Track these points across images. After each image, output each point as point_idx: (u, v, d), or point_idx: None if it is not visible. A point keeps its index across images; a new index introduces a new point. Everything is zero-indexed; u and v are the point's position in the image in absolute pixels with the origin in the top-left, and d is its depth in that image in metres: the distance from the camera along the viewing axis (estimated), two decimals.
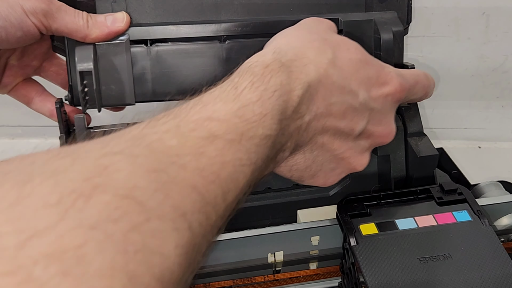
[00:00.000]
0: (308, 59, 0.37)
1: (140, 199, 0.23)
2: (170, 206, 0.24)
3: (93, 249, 0.21)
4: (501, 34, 0.75)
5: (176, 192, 0.25)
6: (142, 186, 0.24)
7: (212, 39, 0.49)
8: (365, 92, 0.39)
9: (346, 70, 0.38)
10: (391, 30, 0.49)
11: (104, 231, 0.21)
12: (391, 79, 0.41)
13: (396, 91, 0.41)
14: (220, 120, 0.30)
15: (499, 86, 0.80)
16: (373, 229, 0.44)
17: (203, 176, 0.27)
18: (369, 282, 0.40)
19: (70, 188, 0.22)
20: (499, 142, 0.83)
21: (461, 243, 0.42)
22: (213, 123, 0.30)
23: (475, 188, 0.56)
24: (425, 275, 0.40)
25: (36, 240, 0.20)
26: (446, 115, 0.82)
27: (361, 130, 0.40)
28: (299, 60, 0.36)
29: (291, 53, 0.37)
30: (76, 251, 0.20)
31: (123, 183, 0.23)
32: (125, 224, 0.22)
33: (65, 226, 0.21)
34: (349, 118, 0.39)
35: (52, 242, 0.20)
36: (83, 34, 0.46)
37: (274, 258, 0.48)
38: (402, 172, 0.52)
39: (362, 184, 0.54)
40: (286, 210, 0.54)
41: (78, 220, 0.21)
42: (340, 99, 0.38)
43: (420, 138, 0.51)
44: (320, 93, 0.37)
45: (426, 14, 0.74)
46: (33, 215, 0.21)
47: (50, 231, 0.20)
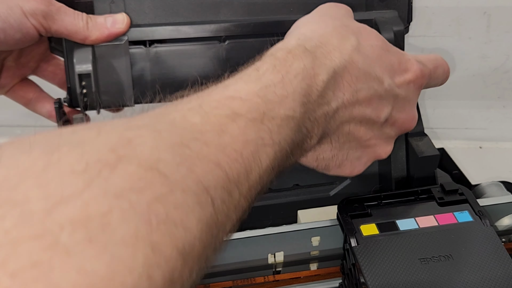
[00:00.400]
0: (332, 45, 0.37)
1: (164, 171, 0.24)
2: (193, 180, 0.25)
3: (118, 217, 0.21)
4: (503, 33, 0.75)
5: (199, 167, 0.25)
6: (166, 159, 0.24)
7: (212, 39, 0.49)
8: (389, 78, 0.39)
9: (370, 56, 0.38)
10: (392, 29, 0.49)
11: (128, 201, 0.22)
12: (412, 65, 0.41)
13: (417, 77, 0.41)
14: (242, 99, 0.30)
15: (501, 86, 0.79)
16: (374, 229, 0.43)
17: (226, 154, 0.27)
18: (369, 283, 0.40)
19: (96, 157, 0.22)
20: (500, 142, 0.83)
21: (462, 244, 0.42)
22: (235, 102, 0.30)
23: (476, 189, 0.56)
24: (426, 275, 0.40)
25: (63, 206, 0.20)
26: (447, 115, 0.81)
27: (386, 117, 0.40)
28: (324, 46, 0.37)
29: (316, 40, 0.37)
30: (101, 218, 0.21)
31: (147, 155, 0.24)
32: (149, 195, 0.22)
33: (91, 193, 0.21)
34: (375, 105, 0.39)
35: (78, 208, 0.20)
36: (83, 36, 0.46)
37: (274, 259, 0.48)
38: (403, 172, 0.52)
39: (362, 185, 0.54)
40: (287, 210, 0.54)
41: (104, 188, 0.21)
42: (366, 86, 0.38)
43: (421, 138, 0.51)
44: (346, 80, 0.37)
45: (427, 13, 0.74)
46: (60, 182, 0.21)
47: (77, 198, 0.21)
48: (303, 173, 0.54)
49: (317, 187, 0.54)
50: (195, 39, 0.49)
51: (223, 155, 0.27)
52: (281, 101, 0.32)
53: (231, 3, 0.49)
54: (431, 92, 0.79)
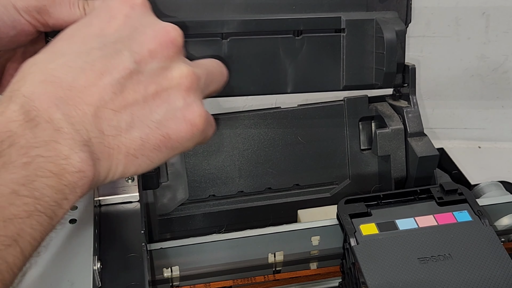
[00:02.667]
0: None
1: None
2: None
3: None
4: (501, 34, 0.75)
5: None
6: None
7: (214, 35, 0.49)
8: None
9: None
10: (394, 29, 0.49)
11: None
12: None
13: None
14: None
15: (499, 86, 0.79)
16: (374, 229, 0.44)
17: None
18: (369, 282, 0.40)
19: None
20: (499, 142, 0.83)
21: (462, 243, 0.42)
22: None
23: (475, 188, 0.56)
24: (426, 275, 0.40)
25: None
26: (446, 115, 0.82)
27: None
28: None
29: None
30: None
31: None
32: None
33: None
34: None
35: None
36: None
37: (274, 258, 0.48)
38: (403, 172, 0.52)
39: (362, 184, 0.54)
40: (287, 210, 0.54)
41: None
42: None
43: (421, 138, 0.51)
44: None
45: (426, 14, 0.74)
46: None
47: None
48: (303, 173, 0.54)
49: (317, 187, 0.54)
50: (196, 35, 0.49)
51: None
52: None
53: (233, 1, 0.49)
54: (430, 93, 0.79)
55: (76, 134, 0.32)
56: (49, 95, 0.33)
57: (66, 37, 0.37)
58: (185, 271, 0.47)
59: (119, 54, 0.35)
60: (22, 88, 0.33)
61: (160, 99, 0.35)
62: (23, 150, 0.30)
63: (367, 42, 0.51)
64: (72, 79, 0.34)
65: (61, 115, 0.32)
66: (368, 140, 0.54)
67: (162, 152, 0.36)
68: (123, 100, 0.34)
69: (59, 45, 0.37)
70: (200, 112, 0.36)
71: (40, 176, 0.30)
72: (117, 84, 0.34)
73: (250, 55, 0.50)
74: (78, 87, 0.33)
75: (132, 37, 0.36)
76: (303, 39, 0.50)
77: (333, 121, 0.53)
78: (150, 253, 0.45)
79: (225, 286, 0.47)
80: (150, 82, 0.35)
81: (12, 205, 0.29)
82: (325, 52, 0.51)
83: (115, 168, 0.34)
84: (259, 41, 0.50)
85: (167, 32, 0.37)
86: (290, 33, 0.50)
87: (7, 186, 0.29)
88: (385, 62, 0.50)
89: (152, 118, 0.35)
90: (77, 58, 0.35)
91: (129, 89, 0.34)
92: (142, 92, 0.35)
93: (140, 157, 0.35)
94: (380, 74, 0.51)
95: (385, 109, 0.53)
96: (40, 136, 0.31)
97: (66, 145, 0.31)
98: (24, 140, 0.30)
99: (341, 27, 0.50)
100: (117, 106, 0.34)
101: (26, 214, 0.29)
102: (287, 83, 0.51)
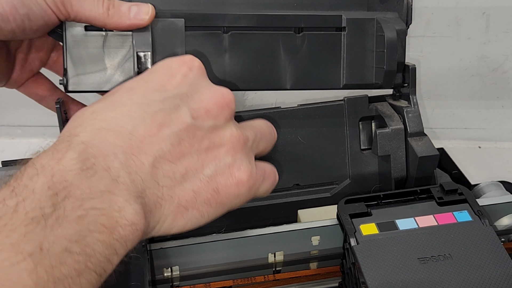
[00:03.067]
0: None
1: None
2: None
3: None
4: (501, 34, 0.75)
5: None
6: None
7: (215, 29, 0.49)
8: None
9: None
10: (395, 28, 0.49)
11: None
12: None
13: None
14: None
15: (499, 86, 0.79)
16: (374, 229, 0.44)
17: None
18: (369, 283, 0.40)
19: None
20: (499, 142, 0.83)
21: (462, 243, 0.42)
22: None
23: (475, 188, 0.56)
24: (426, 275, 0.40)
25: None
26: (446, 115, 0.81)
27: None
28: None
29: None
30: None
31: None
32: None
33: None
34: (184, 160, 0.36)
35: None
36: (102, 23, 0.44)
37: (274, 258, 0.48)
38: (403, 172, 0.52)
39: (362, 184, 0.54)
40: (287, 210, 0.54)
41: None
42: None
43: (421, 138, 0.51)
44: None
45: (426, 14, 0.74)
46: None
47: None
48: (303, 173, 0.54)
49: (317, 187, 0.54)
50: (197, 27, 0.49)
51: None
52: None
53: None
54: (430, 93, 0.79)
55: (132, 185, 0.32)
56: (109, 143, 0.33)
57: (125, 89, 0.38)
58: (185, 271, 0.47)
59: (178, 109, 0.36)
60: (81, 134, 0.33)
61: (211, 154, 0.37)
62: (78, 203, 0.30)
63: (367, 41, 0.51)
64: (132, 128, 0.34)
65: (119, 164, 0.32)
66: (368, 140, 0.54)
67: (212, 207, 0.37)
68: (179, 152, 0.35)
69: (117, 95, 0.37)
70: (246, 170, 0.38)
71: (93, 231, 0.30)
72: (175, 136, 0.35)
73: (251, 50, 0.50)
74: (138, 136, 0.34)
75: (190, 95, 0.38)
76: (304, 36, 0.50)
77: (333, 121, 0.53)
78: (150, 253, 0.45)
79: (225, 286, 0.47)
80: (204, 138, 0.37)
81: (63, 264, 0.28)
82: (325, 50, 0.51)
83: (164, 219, 0.35)
84: (260, 36, 0.50)
85: (223, 94, 0.39)
86: (291, 29, 0.50)
87: (60, 244, 0.28)
88: (386, 60, 0.50)
89: (204, 172, 0.36)
90: (138, 109, 0.35)
91: (185, 142, 0.36)
92: (197, 147, 0.36)
93: (190, 210, 0.36)
94: (381, 73, 0.51)
95: (385, 109, 0.53)
96: (96, 186, 0.31)
97: (121, 196, 0.31)
98: (79, 192, 0.30)
99: (342, 26, 0.51)
100: (173, 157, 0.35)
101: (76, 273, 0.28)
102: (287, 80, 0.51)
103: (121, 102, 0.36)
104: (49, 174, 0.30)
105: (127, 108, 0.36)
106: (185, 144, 0.36)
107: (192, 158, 0.36)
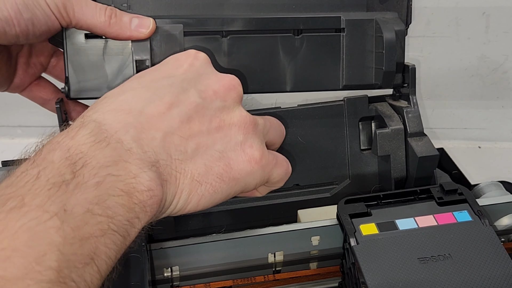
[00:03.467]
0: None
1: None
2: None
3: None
4: (501, 34, 0.75)
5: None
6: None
7: (214, 33, 0.49)
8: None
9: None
10: (393, 29, 0.49)
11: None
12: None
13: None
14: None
15: (499, 86, 0.79)
16: (373, 229, 0.44)
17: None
18: (369, 282, 0.40)
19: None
20: (499, 142, 0.83)
21: (462, 243, 0.42)
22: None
23: (475, 188, 0.56)
24: (425, 275, 0.40)
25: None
26: (446, 115, 0.82)
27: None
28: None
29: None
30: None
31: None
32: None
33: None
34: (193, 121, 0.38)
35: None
36: (102, 32, 0.45)
37: (274, 258, 0.48)
38: (403, 172, 0.52)
39: (362, 185, 0.54)
40: (287, 210, 0.54)
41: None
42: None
43: (421, 138, 0.51)
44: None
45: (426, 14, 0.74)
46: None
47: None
48: (303, 173, 0.54)
49: (317, 187, 0.54)
50: (196, 32, 0.49)
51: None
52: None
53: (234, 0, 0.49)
54: (430, 93, 0.79)
55: (145, 155, 0.33)
56: (119, 121, 0.34)
57: (135, 77, 0.40)
58: (185, 271, 0.47)
59: (186, 91, 0.38)
60: (93, 115, 0.34)
61: (222, 132, 0.38)
62: (95, 171, 0.31)
63: (366, 42, 0.51)
64: (142, 107, 0.36)
65: (131, 137, 0.34)
66: (368, 140, 0.54)
67: (225, 182, 0.37)
68: (189, 129, 0.36)
69: (128, 83, 0.39)
70: (258, 148, 0.39)
71: (112, 195, 0.31)
72: (184, 115, 0.37)
73: (250, 53, 0.50)
74: (147, 114, 0.35)
75: (197, 79, 0.39)
76: (303, 38, 0.50)
77: (333, 121, 0.53)
78: (150, 253, 0.45)
79: (225, 286, 0.48)
80: (214, 116, 0.38)
81: (87, 224, 0.29)
82: (324, 51, 0.51)
83: (180, 193, 0.35)
84: (259, 39, 0.50)
85: (229, 79, 0.40)
86: (290, 32, 0.50)
87: (82, 206, 0.29)
88: (384, 61, 0.50)
89: (215, 148, 0.37)
90: (146, 91, 0.37)
91: (195, 120, 0.37)
92: (207, 125, 0.37)
93: (204, 185, 0.36)
94: (380, 74, 0.51)
95: (385, 109, 0.53)
96: (110, 155, 0.32)
97: (135, 164, 0.33)
98: (95, 161, 0.31)
99: (341, 27, 0.51)
100: (184, 133, 0.36)
101: (100, 232, 0.30)
102: (287, 82, 0.51)
103: (130, 87, 0.38)
104: (65, 148, 0.31)
105: (137, 91, 0.37)
106: (195, 122, 0.37)
107: (202, 136, 0.37)
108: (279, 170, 0.41)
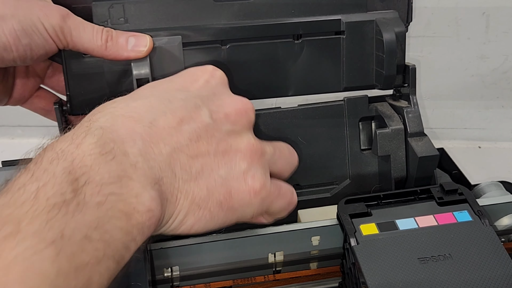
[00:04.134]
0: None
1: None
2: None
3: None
4: (501, 34, 0.75)
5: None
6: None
7: (213, 42, 0.49)
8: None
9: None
10: (393, 31, 0.49)
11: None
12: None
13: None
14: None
15: (499, 86, 0.80)
16: (374, 229, 0.44)
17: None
18: (369, 282, 0.40)
19: None
20: (499, 142, 0.83)
21: (462, 243, 0.42)
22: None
23: (475, 188, 0.56)
24: (426, 275, 0.40)
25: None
26: (446, 115, 0.82)
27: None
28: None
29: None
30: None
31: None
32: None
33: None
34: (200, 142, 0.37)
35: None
36: (100, 55, 0.45)
37: (274, 258, 0.48)
38: (403, 172, 0.52)
39: (362, 184, 0.54)
40: None
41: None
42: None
43: (421, 138, 0.51)
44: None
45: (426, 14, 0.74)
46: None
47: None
48: (303, 173, 0.54)
49: (317, 187, 0.54)
50: (195, 43, 0.48)
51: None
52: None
53: (232, 6, 0.49)
54: (430, 92, 0.79)
55: (149, 171, 0.33)
56: (128, 129, 0.33)
57: (148, 86, 0.39)
58: (185, 271, 0.47)
59: (198, 108, 0.37)
60: (100, 120, 0.33)
61: (228, 157, 0.37)
62: (97, 188, 0.30)
63: (367, 44, 0.51)
64: (152, 118, 0.35)
65: (137, 150, 0.33)
66: (368, 140, 0.54)
67: (223, 210, 0.37)
68: (197, 149, 0.36)
69: (140, 90, 0.38)
70: (259, 179, 0.38)
71: (111, 217, 0.30)
72: (194, 133, 0.36)
73: (250, 60, 0.50)
74: (157, 126, 0.34)
75: (211, 99, 0.38)
76: (303, 43, 0.50)
77: (333, 121, 0.53)
78: (150, 253, 0.45)
79: (225, 286, 0.47)
80: (221, 140, 0.37)
81: (83, 252, 0.28)
82: (325, 54, 0.51)
83: (177, 213, 0.35)
84: (259, 46, 0.50)
85: (243, 102, 0.39)
86: (289, 37, 0.50)
87: (80, 230, 0.28)
88: (385, 65, 0.50)
89: (219, 173, 0.36)
90: (159, 102, 0.36)
91: (203, 140, 0.36)
92: (214, 147, 0.36)
93: (202, 210, 0.36)
94: (380, 76, 0.51)
95: (385, 109, 0.53)
96: (115, 170, 0.31)
97: (139, 181, 0.32)
98: (99, 177, 0.30)
99: (340, 30, 0.50)
100: (191, 152, 0.35)
101: (96, 260, 0.29)
102: (288, 87, 0.52)
103: (143, 95, 0.37)
104: (70, 159, 0.30)
105: (148, 100, 0.36)
106: (202, 142, 0.36)
107: (208, 157, 0.36)
108: (281, 202, 0.40)
